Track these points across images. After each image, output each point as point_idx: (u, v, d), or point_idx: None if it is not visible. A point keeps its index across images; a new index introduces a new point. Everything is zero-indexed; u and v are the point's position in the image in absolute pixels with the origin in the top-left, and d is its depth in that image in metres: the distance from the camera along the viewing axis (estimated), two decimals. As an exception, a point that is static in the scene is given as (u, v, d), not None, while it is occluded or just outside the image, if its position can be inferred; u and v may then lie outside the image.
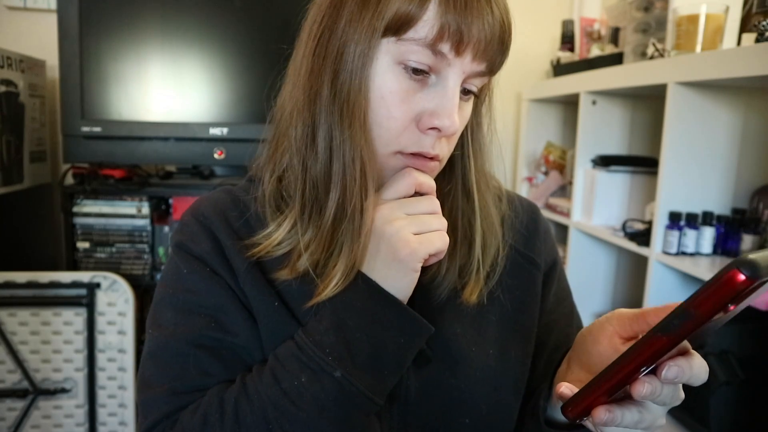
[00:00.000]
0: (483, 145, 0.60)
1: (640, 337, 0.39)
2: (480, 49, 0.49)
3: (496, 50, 0.50)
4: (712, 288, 0.34)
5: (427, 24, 0.47)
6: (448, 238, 0.51)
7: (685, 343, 0.40)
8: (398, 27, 0.48)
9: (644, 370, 0.40)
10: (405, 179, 0.52)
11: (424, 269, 0.56)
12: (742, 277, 0.32)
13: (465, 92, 0.53)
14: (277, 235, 0.54)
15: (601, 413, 0.42)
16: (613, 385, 0.41)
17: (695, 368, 0.41)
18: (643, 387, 0.40)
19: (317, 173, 0.52)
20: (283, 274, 0.54)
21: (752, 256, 0.33)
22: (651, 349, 0.38)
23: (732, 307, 0.35)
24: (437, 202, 0.52)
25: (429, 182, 0.53)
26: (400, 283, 0.50)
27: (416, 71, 0.49)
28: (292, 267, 0.54)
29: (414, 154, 0.52)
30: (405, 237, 0.48)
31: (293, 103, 0.54)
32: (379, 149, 0.52)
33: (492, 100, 0.59)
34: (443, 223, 0.51)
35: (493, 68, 0.52)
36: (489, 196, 0.60)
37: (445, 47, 0.48)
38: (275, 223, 0.55)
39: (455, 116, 0.50)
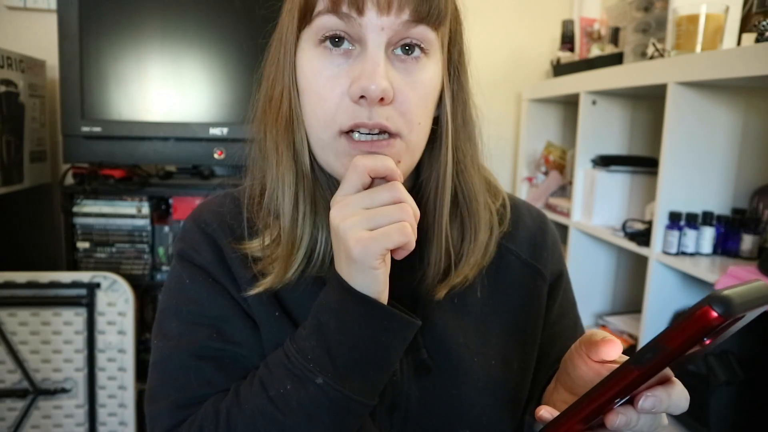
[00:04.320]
0: (465, 120, 0.56)
1: (616, 367, 0.39)
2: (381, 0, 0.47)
3: None
4: (684, 324, 0.33)
5: None
6: (409, 229, 0.46)
7: (667, 371, 0.38)
8: (305, 13, 0.50)
9: (619, 401, 0.39)
10: (353, 170, 0.48)
11: (413, 267, 0.55)
12: (714, 314, 0.31)
13: (407, 51, 0.50)
14: (256, 245, 0.55)
15: None
16: (588, 414, 0.40)
17: (674, 398, 0.40)
18: (616, 417, 0.39)
19: (270, 183, 0.55)
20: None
21: (727, 292, 0.31)
22: (624, 381, 0.37)
23: (708, 342, 0.34)
24: (400, 189, 0.47)
25: (384, 164, 0.48)
26: (363, 282, 0.47)
27: (333, 40, 0.49)
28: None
29: (350, 133, 0.50)
30: (356, 235, 0.45)
31: (252, 121, 0.58)
32: (322, 135, 0.51)
33: (465, 68, 0.56)
34: (406, 212, 0.46)
35: (419, 14, 0.48)
36: (477, 181, 0.57)
37: (345, 8, 0.48)
38: (258, 236, 0.56)
39: (377, 77, 0.47)
